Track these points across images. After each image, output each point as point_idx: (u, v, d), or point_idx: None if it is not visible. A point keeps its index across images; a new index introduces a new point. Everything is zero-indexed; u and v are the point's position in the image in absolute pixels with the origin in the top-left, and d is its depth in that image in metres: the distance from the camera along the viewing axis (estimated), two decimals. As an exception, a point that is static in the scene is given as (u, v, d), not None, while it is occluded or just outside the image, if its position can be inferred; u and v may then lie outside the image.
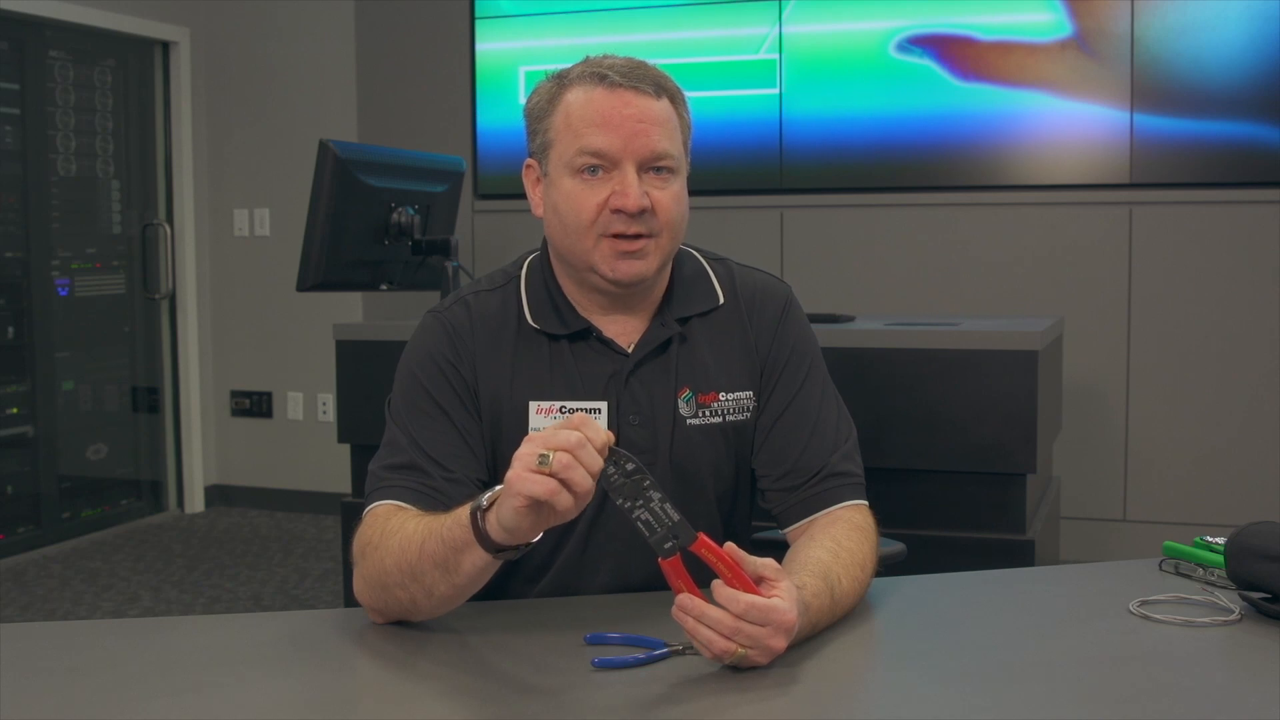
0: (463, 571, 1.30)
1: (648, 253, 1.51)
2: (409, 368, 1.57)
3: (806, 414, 1.59)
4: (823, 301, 3.78)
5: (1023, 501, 2.84)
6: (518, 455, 1.20)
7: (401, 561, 1.34)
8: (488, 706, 1.20)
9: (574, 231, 1.51)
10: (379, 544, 1.38)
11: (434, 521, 1.34)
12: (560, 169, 1.51)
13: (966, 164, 4.48)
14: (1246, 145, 4.18)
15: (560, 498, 1.18)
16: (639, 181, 1.48)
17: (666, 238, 1.52)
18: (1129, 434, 4.38)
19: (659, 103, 1.50)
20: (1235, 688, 1.20)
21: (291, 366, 5.46)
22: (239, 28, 5.44)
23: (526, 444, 1.21)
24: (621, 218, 1.48)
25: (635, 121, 1.48)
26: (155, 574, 4.49)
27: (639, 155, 1.48)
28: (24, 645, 1.35)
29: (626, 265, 1.50)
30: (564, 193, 1.51)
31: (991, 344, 2.82)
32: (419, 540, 1.33)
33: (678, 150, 1.52)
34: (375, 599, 1.39)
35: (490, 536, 1.25)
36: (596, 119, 1.48)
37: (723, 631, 1.19)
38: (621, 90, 1.49)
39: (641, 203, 1.48)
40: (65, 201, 5.02)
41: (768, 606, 1.20)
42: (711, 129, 4.68)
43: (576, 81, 1.51)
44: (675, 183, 1.52)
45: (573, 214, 1.50)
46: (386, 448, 1.53)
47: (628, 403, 1.55)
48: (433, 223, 3.18)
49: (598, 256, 1.51)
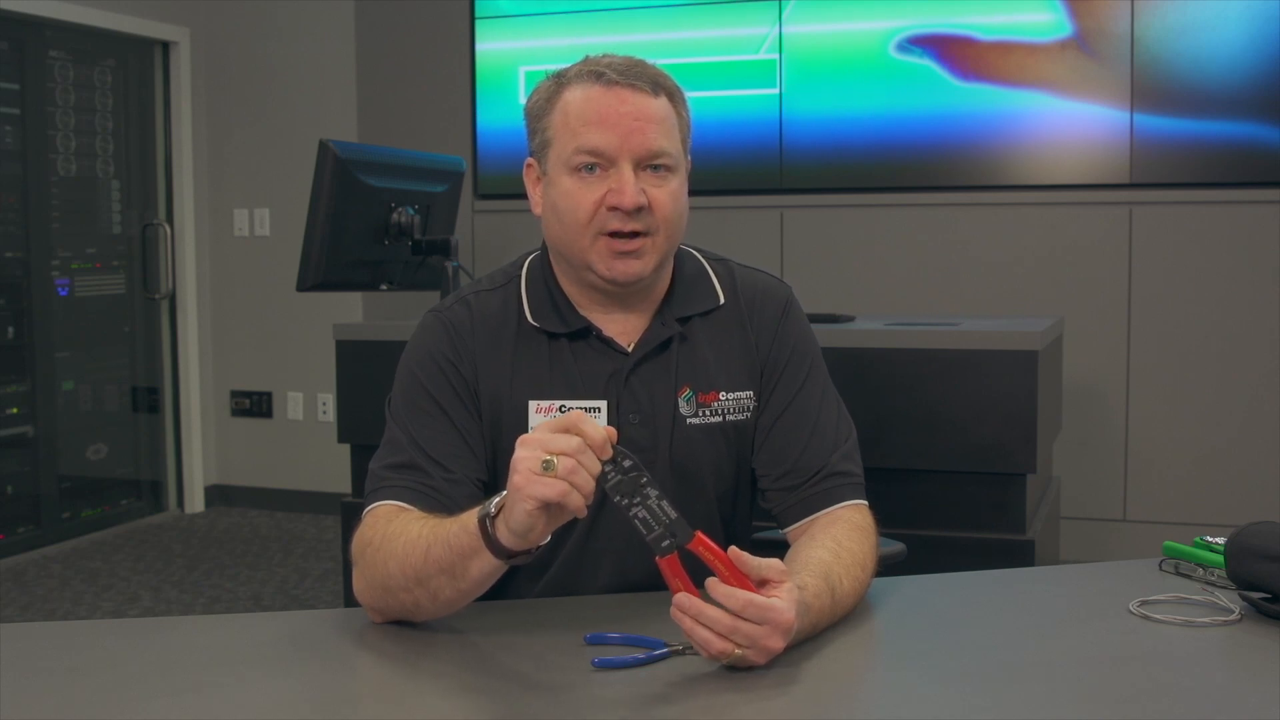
0: (470, 577, 1.30)
1: (645, 252, 1.51)
2: (409, 367, 1.57)
3: (806, 414, 1.59)
4: (823, 301, 3.78)
5: (1023, 501, 2.84)
6: (517, 459, 1.20)
7: (406, 566, 1.33)
8: (488, 706, 1.20)
9: (571, 230, 1.51)
10: (381, 546, 1.38)
11: (439, 527, 1.33)
12: (558, 167, 1.51)
13: (966, 164, 4.48)
14: (1246, 145, 4.18)
15: (571, 498, 1.19)
16: (636, 179, 1.48)
17: (664, 236, 1.52)
18: (1129, 434, 4.38)
19: (656, 100, 1.50)
20: (1235, 688, 1.20)
21: (291, 366, 5.46)
22: (239, 28, 5.43)
23: (523, 447, 1.21)
24: (618, 215, 1.48)
25: (632, 119, 1.48)
26: (155, 574, 4.49)
27: (636, 153, 1.48)
28: (24, 645, 1.35)
29: (623, 265, 1.50)
30: (561, 191, 1.51)
31: (991, 344, 2.82)
32: (424, 545, 1.32)
33: (675, 148, 1.52)
34: (376, 600, 1.39)
35: (500, 542, 1.25)
36: (593, 117, 1.48)
37: (720, 630, 1.19)
38: (618, 88, 1.48)
39: (638, 200, 1.48)
40: (65, 201, 5.02)
41: (765, 605, 1.19)
42: (711, 129, 4.68)
43: (574, 80, 1.51)
44: (673, 180, 1.52)
45: (570, 212, 1.50)
46: (386, 447, 1.53)
47: (628, 401, 1.55)
48: (433, 223, 3.18)
49: (594, 255, 1.51)
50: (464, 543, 1.28)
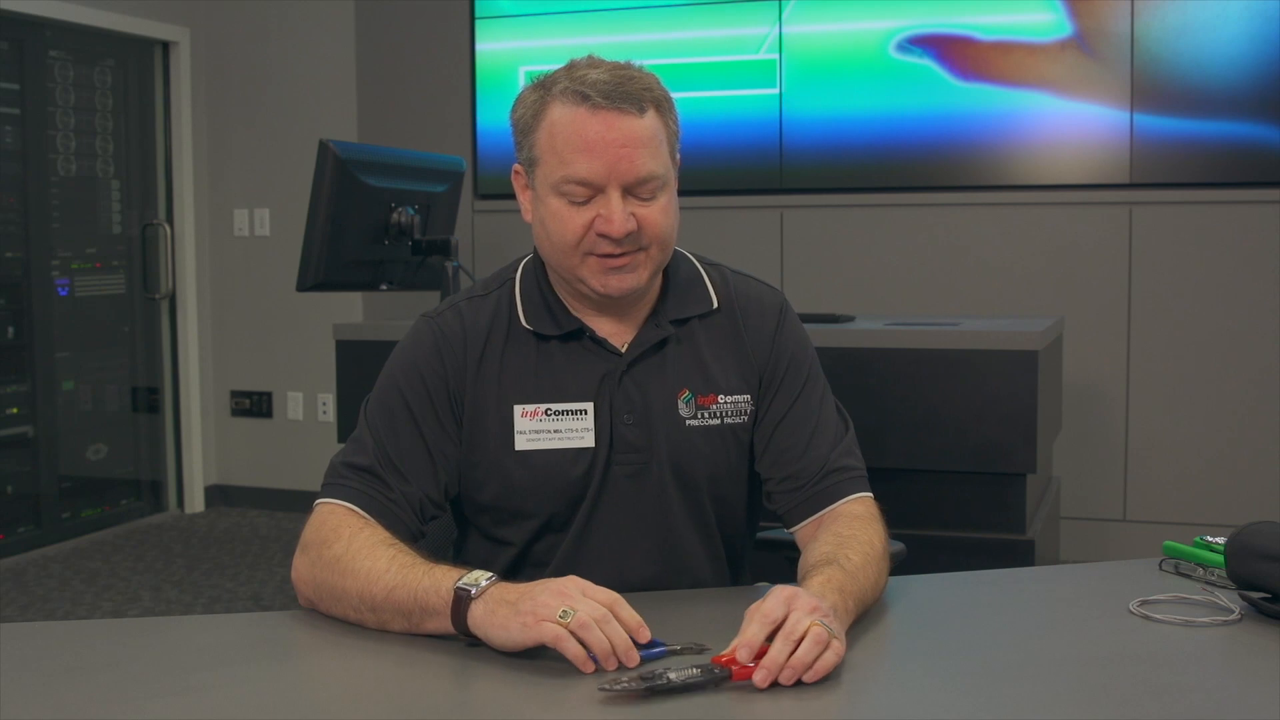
0: (424, 629, 1.33)
1: (637, 265, 1.51)
2: (393, 371, 1.58)
3: (807, 419, 1.60)
4: (823, 301, 3.79)
5: (1023, 501, 2.84)
6: (540, 603, 1.22)
7: (365, 594, 1.35)
8: (489, 705, 1.21)
9: (561, 250, 1.51)
10: (342, 559, 1.39)
11: (408, 571, 1.34)
12: (546, 189, 1.51)
13: (966, 164, 4.48)
14: (1246, 145, 4.18)
15: (567, 645, 1.20)
16: (624, 204, 1.47)
17: (656, 249, 1.52)
18: (1129, 434, 4.38)
19: (643, 120, 1.48)
20: (1235, 688, 1.21)
21: (291, 366, 5.46)
22: (239, 28, 5.43)
23: (549, 594, 1.23)
24: (607, 240, 1.48)
25: (619, 146, 1.46)
26: (155, 574, 4.49)
27: (624, 179, 1.47)
28: (24, 645, 1.35)
29: (617, 280, 1.51)
30: (550, 212, 1.51)
31: (991, 344, 2.82)
32: (389, 584, 1.34)
33: (663, 167, 1.50)
34: (318, 598, 1.42)
35: (467, 623, 1.27)
36: (580, 144, 1.46)
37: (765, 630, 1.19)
38: (604, 112, 1.46)
39: (627, 228, 1.47)
40: (65, 201, 5.02)
41: (759, 608, 1.21)
42: (711, 129, 4.68)
43: (560, 98, 1.48)
44: (663, 196, 1.51)
45: (559, 234, 1.50)
46: (352, 444, 1.55)
47: (621, 401, 1.55)
48: (433, 223, 3.18)
49: (585, 272, 1.51)
50: (431, 602, 1.30)
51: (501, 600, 1.26)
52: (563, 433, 1.55)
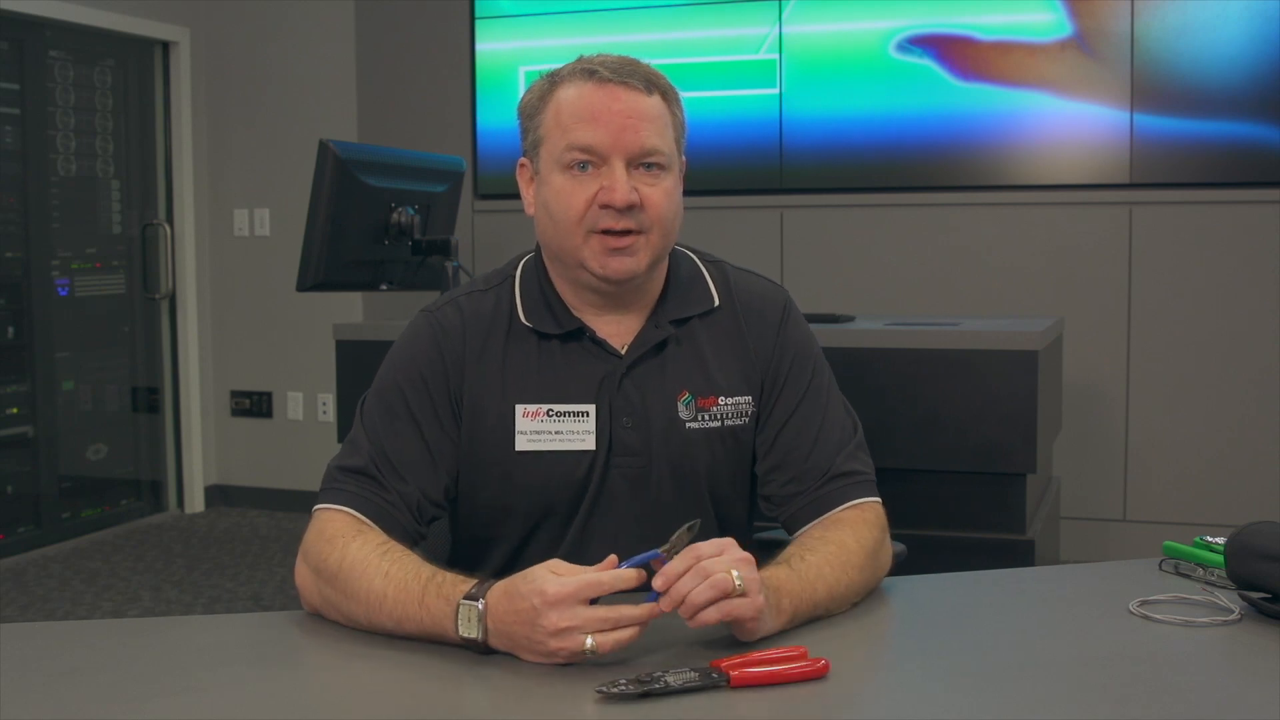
0: (425, 639, 1.31)
1: (638, 249, 1.50)
2: (391, 368, 1.57)
3: (812, 419, 1.57)
4: (823, 301, 3.79)
5: (1023, 501, 2.84)
6: (559, 634, 1.20)
7: (372, 623, 1.34)
8: (488, 706, 1.21)
9: (563, 227, 1.50)
10: (337, 574, 1.37)
11: (406, 586, 1.32)
12: (550, 165, 1.51)
13: (966, 164, 4.48)
14: (1246, 145, 4.18)
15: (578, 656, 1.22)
16: (628, 177, 1.48)
17: (657, 234, 1.51)
18: (1129, 434, 4.38)
19: (649, 98, 1.49)
20: (1235, 688, 1.20)
21: (291, 366, 5.46)
22: (239, 28, 5.43)
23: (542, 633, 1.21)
24: (610, 213, 1.47)
25: (624, 117, 1.47)
26: (155, 574, 4.49)
27: (628, 150, 1.47)
28: (24, 645, 1.35)
29: (617, 262, 1.49)
30: (554, 189, 1.50)
31: (991, 344, 2.82)
32: (393, 615, 1.32)
33: (668, 147, 1.51)
34: (324, 610, 1.40)
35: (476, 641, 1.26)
36: (585, 114, 1.48)
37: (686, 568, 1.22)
38: (611, 85, 1.48)
39: (630, 198, 1.47)
40: (65, 201, 5.02)
41: (696, 546, 1.25)
42: (711, 129, 4.68)
43: (567, 79, 1.51)
44: (666, 179, 1.51)
45: (562, 210, 1.50)
46: (348, 446, 1.53)
47: (620, 405, 1.54)
48: (433, 223, 3.18)
49: (587, 253, 1.50)
50: (435, 624, 1.28)
51: (514, 646, 1.24)
52: (564, 434, 1.53)
